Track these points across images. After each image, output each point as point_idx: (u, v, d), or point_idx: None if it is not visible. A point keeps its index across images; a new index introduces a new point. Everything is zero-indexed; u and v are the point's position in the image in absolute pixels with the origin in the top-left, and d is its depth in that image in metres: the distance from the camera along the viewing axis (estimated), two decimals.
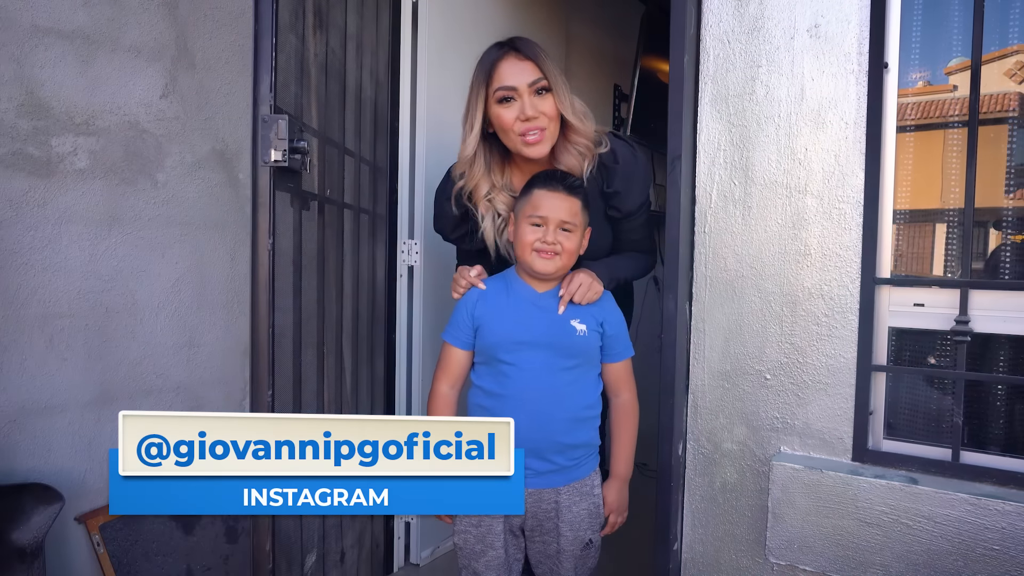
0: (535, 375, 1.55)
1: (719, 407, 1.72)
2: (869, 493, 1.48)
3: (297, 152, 1.33)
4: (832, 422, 1.58)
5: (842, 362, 1.56)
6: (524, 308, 1.59)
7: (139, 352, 2.03)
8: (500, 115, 1.59)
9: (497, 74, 1.59)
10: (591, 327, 1.60)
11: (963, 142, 1.50)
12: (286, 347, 1.48)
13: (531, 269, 1.57)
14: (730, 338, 1.69)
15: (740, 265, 1.68)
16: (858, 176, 1.54)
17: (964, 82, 1.54)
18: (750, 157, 1.66)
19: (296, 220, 1.50)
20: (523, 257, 1.57)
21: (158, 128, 2.03)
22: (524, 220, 1.56)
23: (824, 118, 1.57)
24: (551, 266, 1.55)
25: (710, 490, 1.74)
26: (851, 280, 1.55)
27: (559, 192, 1.55)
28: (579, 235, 1.59)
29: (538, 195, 1.56)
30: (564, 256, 1.56)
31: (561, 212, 1.54)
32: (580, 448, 1.60)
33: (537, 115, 1.57)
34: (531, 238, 1.54)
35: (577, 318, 1.59)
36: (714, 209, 1.71)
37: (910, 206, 1.57)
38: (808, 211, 1.59)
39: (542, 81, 1.59)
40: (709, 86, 1.71)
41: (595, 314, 1.62)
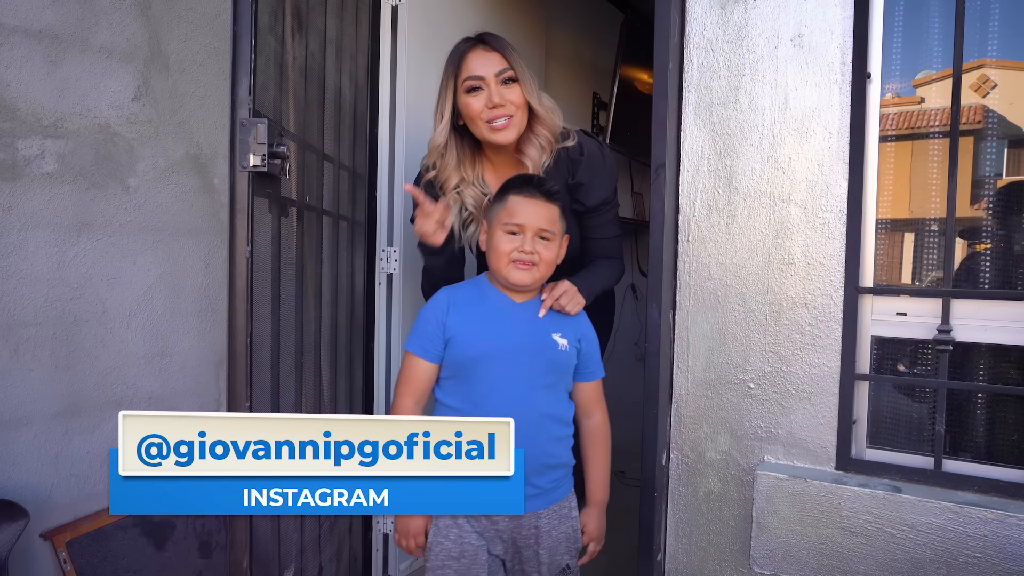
0: (515, 392, 1.44)
1: (703, 416, 1.71)
2: (853, 502, 1.48)
3: (276, 157, 1.30)
4: (816, 431, 1.58)
5: (826, 371, 1.56)
6: (502, 319, 1.49)
7: (109, 362, 1.96)
8: (468, 104, 1.63)
9: (465, 64, 1.64)
10: (571, 343, 1.52)
11: (942, 153, 1.52)
12: (264, 357, 1.44)
13: (507, 281, 1.48)
14: (714, 347, 1.69)
15: (724, 274, 1.67)
16: (841, 186, 1.54)
17: (930, 94, 1.56)
18: (734, 166, 1.66)
19: (275, 227, 1.46)
20: (498, 268, 1.47)
21: (130, 131, 1.97)
22: (499, 228, 1.47)
23: (808, 128, 1.58)
24: (528, 277, 1.47)
25: (694, 500, 1.72)
26: (834, 289, 1.55)
27: (536, 198, 1.47)
28: (557, 244, 1.51)
29: (514, 201, 1.47)
30: (542, 266, 1.48)
31: (539, 219, 1.46)
32: (559, 468, 1.52)
33: (504, 102, 1.61)
34: (507, 247, 1.45)
35: (558, 332, 1.51)
36: (698, 217, 1.71)
37: (892, 215, 1.58)
38: (792, 220, 1.59)
39: (508, 71, 1.64)
40: (693, 94, 1.71)
41: (574, 330, 1.55)
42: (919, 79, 1.59)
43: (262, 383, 1.44)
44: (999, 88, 1.51)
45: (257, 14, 1.27)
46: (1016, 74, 1.52)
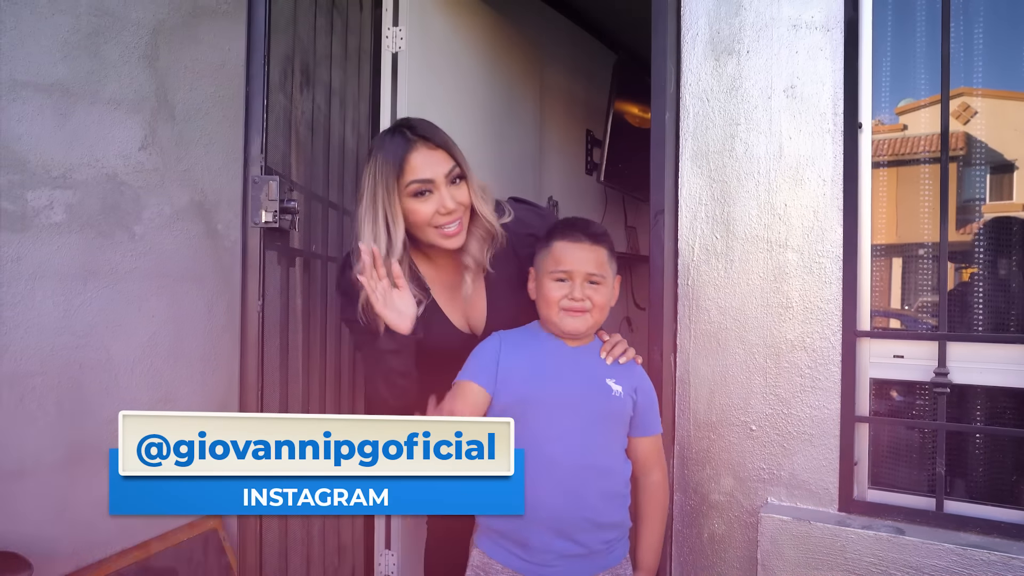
0: (566, 439, 1.37)
1: (705, 458, 1.72)
2: (857, 544, 1.49)
3: (287, 212, 1.33)
4: (818, 473, 1.60)
5: (826, 413, 1.59)
6: (555, 362, 1.45)
7: (113, 409, 1.95)
8: (416, 210, 1.44)
9: (409, 167, 1.44)
10: (626, 391, 1.45)
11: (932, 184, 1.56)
12: (272, 410, 1.45)
13: (560, 329, 1.44)
14: (715, 389, 1.71)
15: (723, 317, 1.70)
16: (836, 231, 1.58)
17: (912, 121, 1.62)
18: (731, 212, 1.70)
19: (283, 279, 1.49)
20: (549, 316, 1.44)
21: (136, 180, 2.00)
22: (547, 276, 1.44)
23: (802, 175, 1.62)
24: (582, 324, 1.43)
25: (698, 542, 1.73)
26: (832, 332, 1.58)
27: (583, 243, 1.43)
28: (609, 287, 1.47)
29: (559, 248, 1.44)
30: (595, 312, 1.44)
31: (587, 264, 1.42)
32: (613, 529, 1.43)
33: (456, 206, 1.46)
34: (556, 295, 1.42)
35: (613, 378, 1.45)
36: (697, 262, 1.74)
37: (888, 259, 1.62)
38: (789, 265, 1.63)
39: (456, 170, 1.48)
40: (690, 142, 1.75)
41: (629, 379, 1.47)
42: (902, 106, 1.64)
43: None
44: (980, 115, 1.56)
45: (269, 74, 1.31)
46: (996, 102, 1.57)
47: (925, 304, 1.61)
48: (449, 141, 1.51)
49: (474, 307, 1.62)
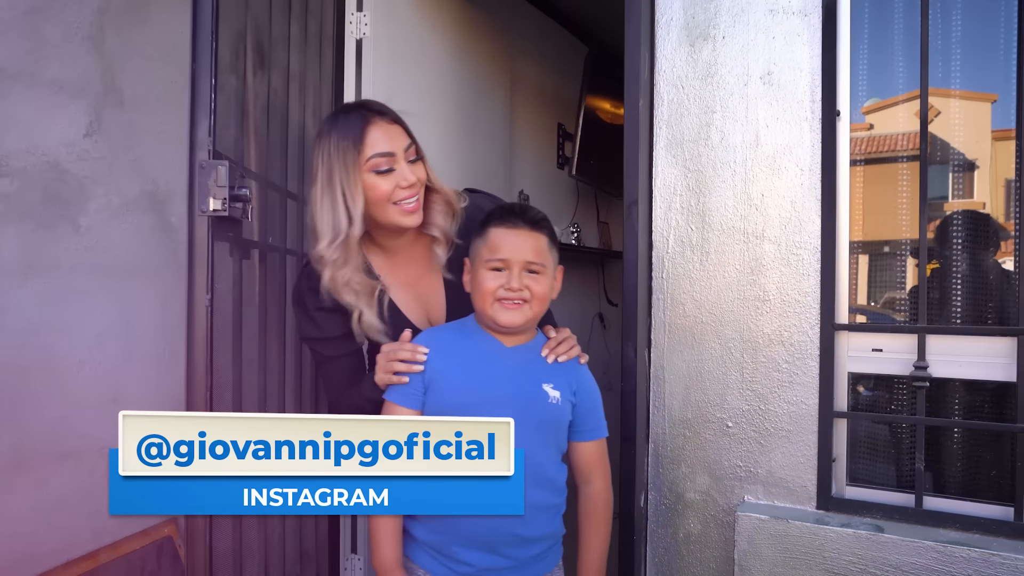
0: None
1: (681, 456, 1.67)
2: (836, 543, 1.45)
3: (238, 200, 1.24)
4: (796, 470, 1.56)
5: (804, 409, 1.55)
6: (487, 365, 1.36)
7: (58, 412, 1.85)
8: (376, 185, 1.38)
9: (369, 140, 1.38)
10: (564, 395, 1.37)
11: (912, 187, 1.53)
12: (224, 410, 1.36)
13: (495, 322, 1.35)
14: (691, 385, 1.66)
15: (699, 311, 1.65)
16: (814, 222, 1.54)
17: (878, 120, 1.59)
18: (707, 203, 1.65)
19: (236, 272, 1.40)
20: (484, 308, 1.35)
21: (81, 169, 1.88)
22: (482, 265, 1.35)
23: (780, 164, 1.58)
24: (519, 317, 1.34)
25: (673, 542, 1.68)
26: (810, 326, 1.54)
27: (520, 229, 1.34)
28: (549, 277, 1.38)
29: (495, 235, 1.35)
30: (534, 303, 1.35)
31: (525, 252, 1.33)
32: (545, 540, 1.38)
33: (415, 180, 1.42)
34: (492, 285, 1.33)
35: (551, 382, 1.36)
36: (671, 255, 1.69)
37: (866, 251, 1.58)
38: (766, 257, 1.58)
39: (412, 147, 1.44)
40: (664, 131, 1.70)
41: (569, 381, 1.39)
42: (868, 106, 1.61)
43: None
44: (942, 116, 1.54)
45: (217, 52, 1.22)
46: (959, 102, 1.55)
47: (902, 298, 1.58)
48: (402, 120, 1.48)
49: (433, 301, 1.55)
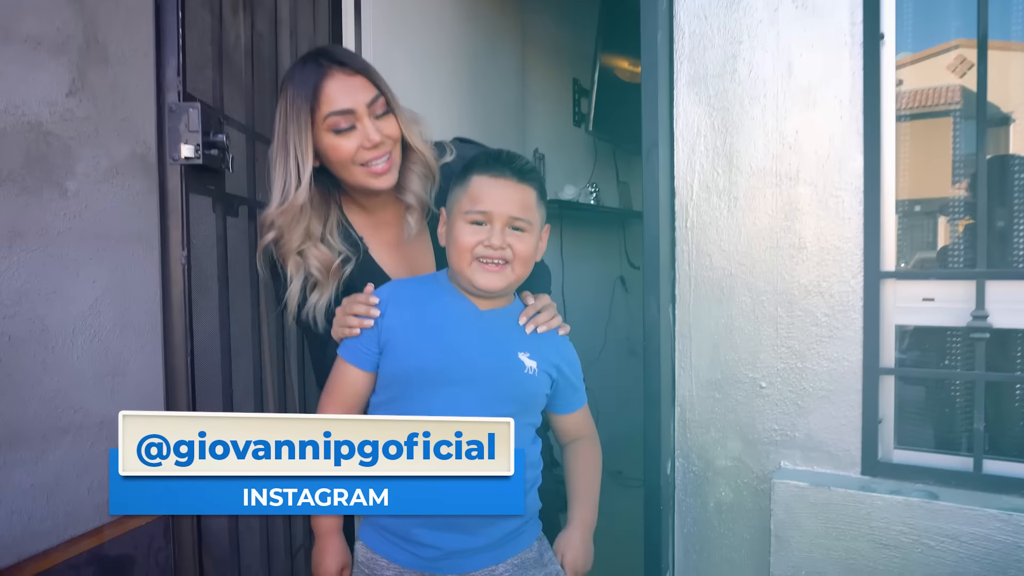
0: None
1: (710, 420, 1.55)
2: (884, 511, 1.32)
3: (214, 147, 1.12)
4: (837, 433, 1.43)
5: (846, 366, 1.41)
6: (454, 327, 1.19)
7: (52, 385, 1.77)
8: (337, 146, 1.25)
9: (325, 96, 1.24)
10: (541, 366, 1.22)
11: (966, 116, 1.37)
12: (213, 377, 1.27)
13: (472, 284, 1.18)
14: (719, 343, 1.53)
15: (728, 262, 1.51)
16: (856, 160, 1.39)
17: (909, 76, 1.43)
18: (734, 143, 1.50)
19: (220, 228, 1.29)
20: (460, 267, 1.18)
21: (66, 130, 1.78)
22: (460, 217, 1.18)
23: (815, 97, 1.42)
24: (499, 280, 1.17)
25: (704, 512, 1.57)
26: (852, 275, 1.40)
27: (507, 179, 1.18)
28: (535, 236, 1.22)
29: (478, 183, 1.18)
30: (517, 264, 1.18)
31: (510, 205, 1.17)
32: (513, 520, 1.21)
33: (382, 139, 1.26)
34: (470, 241, 1.16)
35: (527, 351, 1.21)
36: (696, 202, 1.55)
37: (914, 192, 1.43)
38: (801, 200, 1.44)
39: (380, 100, 1.28)
40: (685, 66, 1.55)
41: (550, 355, 1.24)
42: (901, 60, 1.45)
43: (212, 406, 1.26)
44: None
45: None
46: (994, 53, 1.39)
47: (956, 241, 1.43)
48: (370, 68, 1.31)
49: (421, 265, 1.41)
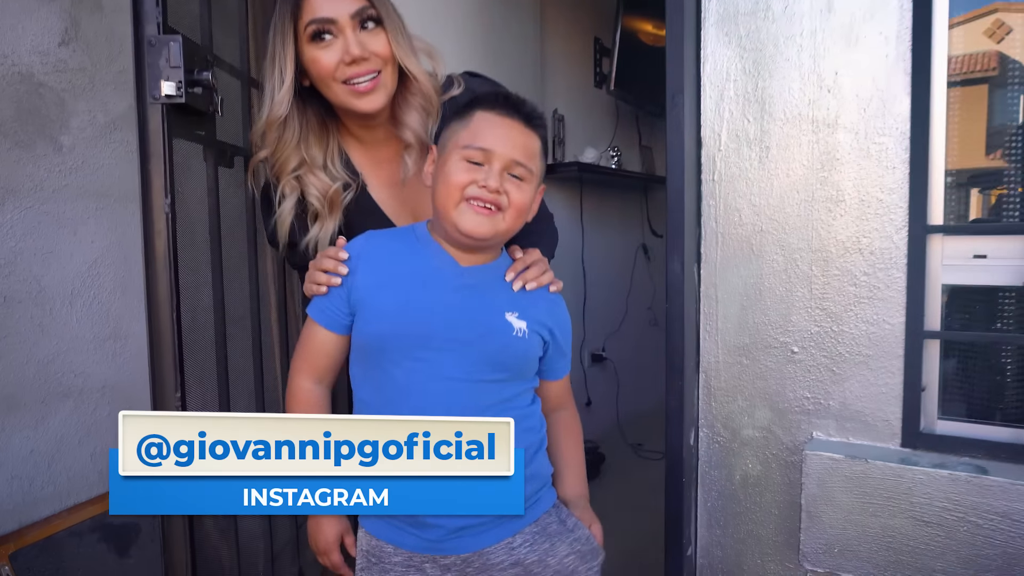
0: (450, 394, 1.04)
1: (737, 387, 1.45)
2: (927, 486, 1.22)
3: (197, 85, 1.03)
4: (876, 401, 1.32)
5: (886, 329, 1.30)
6: (433, 284, 1.08)
7: (51, 348, 1.71)
8: (316, 58, 1.17)
9: (307, 5, 1.17)
10: (532, 327, 1.11)
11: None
12: (205, 336, 1.19)
13: (456, 227, 1.05)
14: (748, 305, 1.42)
15: (758, 218, 1.40)
16: (903, 102, 1.26)
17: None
18: (767, 87, 1.38)
19: (210, 177, 1.20)
20: (446, 207, 1.05)
21: (59, 81, 1.70)
22: (456, 152, 1.05)
23: (858, 33, 1.29)
24: (488, 226, 1.04)
25: (729, 485, 1.47)
26: (895, 229, 1.28)
27: (514, 120, 1.07)
28: (532, 189, 1.09)
29: (482, 120, 1.07)
30: (510, 214, 1.06)
31: (513, 147, 1.05)
32: (529, 482, 1.10)
33: (367, 55, 1.16)
34: (463, 178, 1.03)
35: (514, 311, 1.09)
36: (724, 152, 1.43)
37: (967, 137, 1.30)
38: (840, 148, 1.32)
39: (369, 10, 1.18)
40: (714, 4, 1.42)
41: (541, 316, 1.13)
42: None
43: (204, 368, 1.19)
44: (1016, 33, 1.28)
45: None
46: None
47: (1013, 193, 1.30)
48: None
49: (422, 206, 1.31)
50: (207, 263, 1.20)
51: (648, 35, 3.47)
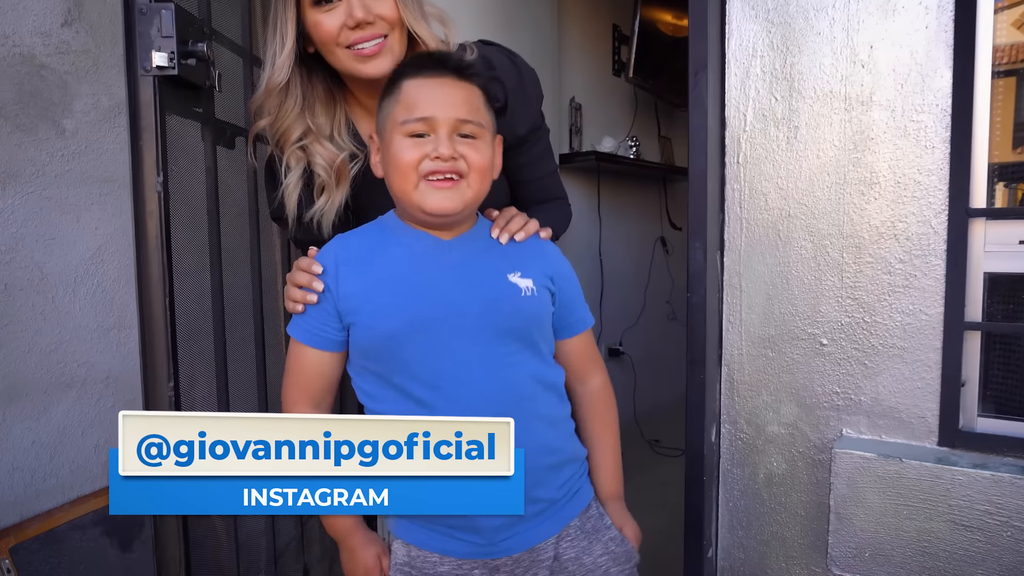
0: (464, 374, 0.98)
1: (761, 382, 1.38)
2: (967, 488, 1.14)
3: (192, 56, 0.98)
4: (911, 397, 1.24)
5: (923, 320, 1.22)
6: (425, 268, 1.01)
7: (53, 337, 1.68)
8: (319, 23, 1.11)
9: None
10: (538, 282, 1.03)
11: None
12: (203, 325, 1.14)
13: (422, 208, 0.97)
14: (774, 295, 1.35)
15: (785, 202, 1.32)
16: (944, 76, 1.18)
17: None
18: (795, 63, 1.30)
19: (209, 157, 1.15)
20: (405, 191, 0.98)
21: (61, 64, 1.66)
22: (395, 130, 0.97)
23: (895, 4, 1.21)
24: (455, 199, 0.97)
25: (752, 484, 1.40)
26: (934, 213, 1.20)
27: (445, 77, 0.98)
28: (488, 144, 1.01)
29: (411, 87, 0.98)
30: (472, 178, 0.98)
31: (454, 106, 0.97)
32: (568, 465, 1.06)
33: (372, 18, 1.11)
34: (413, 156, 0.95)
35: (516, 270, 1.02)
36: (750, 133, 1.36)
37: (1014, 114, 1.21)
38: (875, 127, 1.24)
39: None
40: None
41: (540, 266, 1.06)
42: None
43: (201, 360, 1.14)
44: None
45: None
46: None
47: None
48: None
49: None
50: (203, 244, 1.15)
51: (668, 25, 3.38)
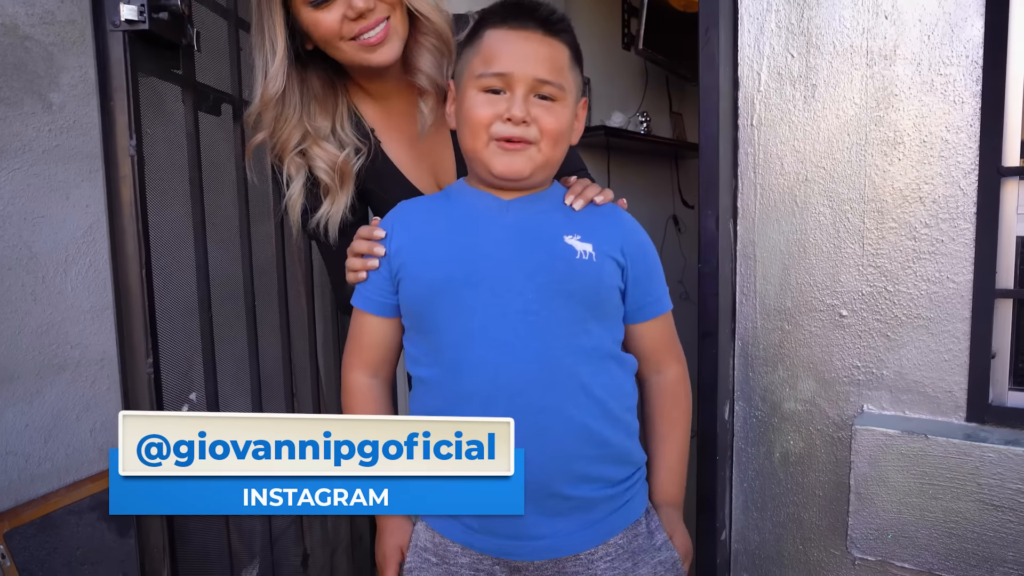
0: (502, 335, 0.91)
1: (777, 356, 1.31)
2: (997, 465, 1.07)
3: (164, 10, 0.91)
4: (937, 370, 1.17)
5: (951, 288, 1.15)
6: (478, 225, 0.96)
7: (45, 318, 1.63)
8: (318, 21, 1.05)
9: None
10: (601, 248, 0.95)
11: None
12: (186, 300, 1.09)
13: (488, 170, 0.93)
14: (790, 264, 1.28)
15: (802, 165, 1.25)
16: (975, 25, 1.10)
17: None
18: (813, 17, 1.22)
19: (190, 122, 1.09)
20: (474, 149, 0.93)
21: (47, 35, 1.60)
22: (471, 84, 0.92)
23: None
24: (524, 163, 0.91)
25: (767, 463, 1.34)
26: (963, 174, 1.12)
27: (530, 30, 0.91)
28: (569, 108, 0.95)
29: (493, 38, 0.92)
30: (545, 142, 0.92)
31: (535, 64, 0.90)
32: (618, 466, 0.97)
33: (371, 4, 1.04)
34: (485, 113, 0.90)
35: (577, 233, 0.94)
36: (764, 93, 1.28)
37: None
38: (899, 83, 1.16)
39: None
40: None
41: (610, 235, 0.97)
42: None
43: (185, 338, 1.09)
44: None
45: None
46: None
47: None
48: None
49: (442, 161, 1.19)
50: (186, 215, 1.09)
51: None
